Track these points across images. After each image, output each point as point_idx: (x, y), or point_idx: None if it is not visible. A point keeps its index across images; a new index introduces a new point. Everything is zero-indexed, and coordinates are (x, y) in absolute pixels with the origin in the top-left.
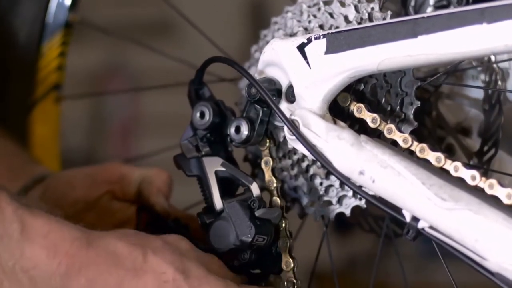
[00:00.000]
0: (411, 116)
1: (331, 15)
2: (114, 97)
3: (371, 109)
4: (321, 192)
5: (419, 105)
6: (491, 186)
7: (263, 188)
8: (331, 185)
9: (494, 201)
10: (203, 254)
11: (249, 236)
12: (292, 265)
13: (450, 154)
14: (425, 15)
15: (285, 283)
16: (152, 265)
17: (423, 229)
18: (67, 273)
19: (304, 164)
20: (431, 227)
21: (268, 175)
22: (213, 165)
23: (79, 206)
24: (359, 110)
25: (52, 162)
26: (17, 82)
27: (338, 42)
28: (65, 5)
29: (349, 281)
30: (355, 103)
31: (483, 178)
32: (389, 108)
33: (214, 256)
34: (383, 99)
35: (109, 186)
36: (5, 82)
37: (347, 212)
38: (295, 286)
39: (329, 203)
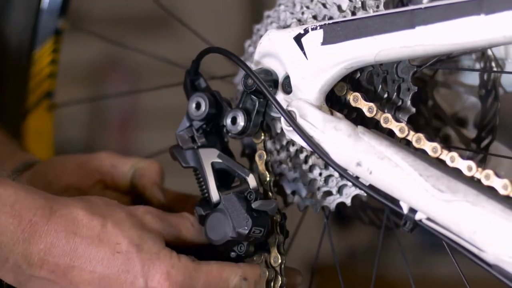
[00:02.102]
0: (409, 102)
1: (324, 5)
2: (113, 90)
3: (367, 98)
4: (321, 183)
5: (416, 90)
6: (488, 177)
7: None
8: (330, 175)
9: (491, 192)
10: (170, 223)
11: (246, 228)
12: (279, 260)
13: (447, 144)
14: (422, 6)
15: (267, 273)
16: (109, 236)
17: (420, 220)
18: (28, 239)
19: (303, 155)
20: (428, 219)
21: (261, 168)
22: (210, 157)
23: (71, 192)
24: (356, 99)
25: None
26: (9, 91)
27: (335, 33)
28: (55, 12)
29: (349, 273)
30: (351, 92)
31: (479, 169)
32: (386, 95)
33: (186, 219)
34: (380, 86)
35: (100, 176)
36: None
37: (348, 201)
38: (280, 283)
39: (329, 193)
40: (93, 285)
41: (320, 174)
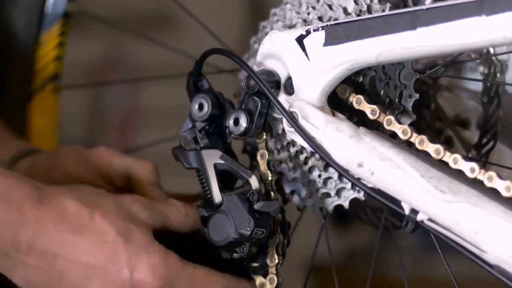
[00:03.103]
0: (410, 109)
1: (330, 7)
2: (114, 90)
3: (370, 101)
4: (320, 184)
5: (417, 97)
6: (490, 179)
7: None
8: (329, 177)
9: (493, 193)
10: (157, 211)
11: (248, 229)
12: (276, 261)
13: (448, 146)
14: (424, 7)
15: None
16: (97, 225)
17: (422, 221)
18: (17, 226)
19: (303, 156)
20: (430, 220)
21: (263, 167)
22: (212, 158)
23: (70, 181)
24: (358, 102)
25: None
26: (15, 73)
27: (337, 34)
28: None
29: (349, 274)
30: (354, 94)
31: (482, 171)
32: (387, 101)
33: (173, 205)
34: (382, 92)
35: (99, 171)
36: (3, 72)
37: (346, 204)
38: (276, 283)
39: (328, 195)
40: (78, 274)
41: (319, 176)
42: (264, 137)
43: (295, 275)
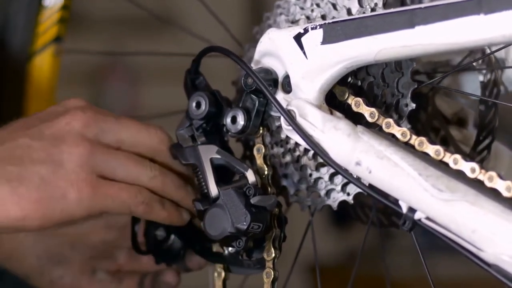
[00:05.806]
0: (405, 118)
1: (334, 6)
2: (114, 89)
3: (369, 103)
4: (310, 184)
5: (414, 107)
6: (491, 179)
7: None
8: (320, 178)
9: (493, 193)
10: None
11: (244, 223)
12: (273, 255)
13: (445, 146)
14: (422, 5)
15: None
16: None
17: (419, 220)
18: None
19: (296, 154)
20: (427, 218)
21: (259, 162)
22: (209, 153)
23: None
24: (357, 104)
25: None
26: (18, 33)
27: (334, 32)
28: None
29: (349, 274)
30: (353, 97)
31: (483, 171)
32: (383, 108)
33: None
34: (379, 98)
35: None
36: (5, 32)
37: (334, 206)
38: (272, 277)
39: (317, 195)
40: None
41: (310, 175)
42: (261, 131)
43: (295, 274)
